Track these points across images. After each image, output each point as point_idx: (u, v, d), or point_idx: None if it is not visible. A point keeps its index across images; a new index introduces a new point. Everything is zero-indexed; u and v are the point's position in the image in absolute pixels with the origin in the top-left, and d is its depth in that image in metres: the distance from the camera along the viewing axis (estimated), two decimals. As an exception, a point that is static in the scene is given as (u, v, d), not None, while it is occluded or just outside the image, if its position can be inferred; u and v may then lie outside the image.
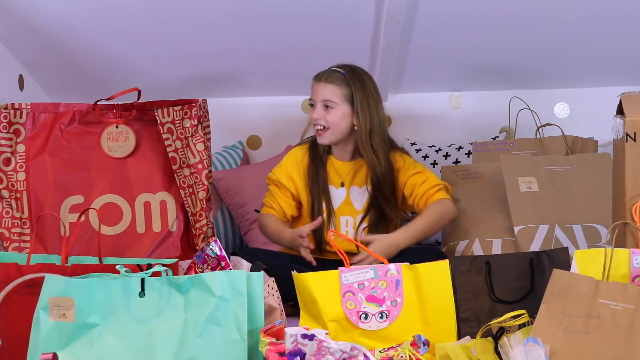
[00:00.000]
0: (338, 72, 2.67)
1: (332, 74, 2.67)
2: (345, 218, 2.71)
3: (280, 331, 1.84)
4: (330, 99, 2.64)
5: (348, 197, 2.72)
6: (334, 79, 2.65)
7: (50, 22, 2.81)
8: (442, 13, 2.88)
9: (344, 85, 2.65)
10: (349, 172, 2.72)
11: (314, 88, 2.68)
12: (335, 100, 2.64)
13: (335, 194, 2.72)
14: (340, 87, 2.65)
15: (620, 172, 2.06)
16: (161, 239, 2.44)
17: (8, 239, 2.43)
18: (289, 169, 2.73)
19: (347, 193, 2.72)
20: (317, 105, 2.66)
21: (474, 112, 3.42)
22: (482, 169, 2.79)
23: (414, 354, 1.85)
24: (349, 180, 2.72)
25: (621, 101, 2.07)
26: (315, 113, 2.66)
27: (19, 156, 2.46)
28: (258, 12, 2.84)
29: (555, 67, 3.22)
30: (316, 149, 2.74)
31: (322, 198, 2.69)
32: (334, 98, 2.64)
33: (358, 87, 2.65)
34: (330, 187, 2.72)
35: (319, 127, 2.66)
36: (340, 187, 2.72)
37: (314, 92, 2.68)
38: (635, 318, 1.79)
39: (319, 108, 2.65)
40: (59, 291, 1.87)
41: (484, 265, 2.11)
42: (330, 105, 2.65)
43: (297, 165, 2.74)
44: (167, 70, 3.15)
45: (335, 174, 2.73)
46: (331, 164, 2.74)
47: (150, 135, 2.47)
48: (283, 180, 2.72)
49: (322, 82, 2.66)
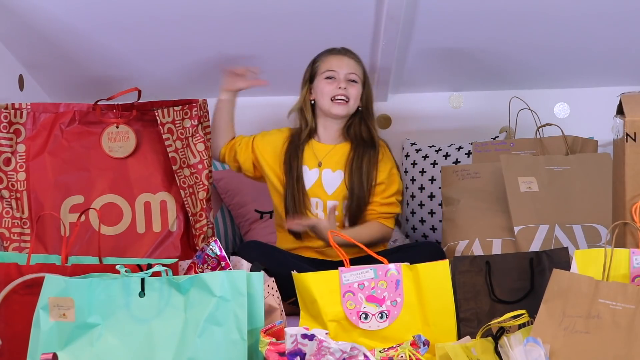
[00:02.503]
0: (350, 50, 2.77)
1: (348, 50, 2.77)
2: (315, 200, 2.73)
3: (280, 331, 1.84)
4: (356, 72, 2.74)
5: (320, 179, 2.74)
6: (354, 57, 2.76)
7: (50, 22, 2.81)
8: (442, 12, 2.88)
9: (361, 65, 2.77)
10: (326, 154, 2.76)
11: (331, 61, 2.74)
12: (359, 75, 2.75)
13: (308, 174, 2.75)
14: (360, 66, 2.76)
15: (620, 172, 2.06)
16: (161, 239, 2.44)
17: (8, 239, 2.43)
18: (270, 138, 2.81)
19: (319, 175, 2.75)
20: (341, 77, 2.71)
21: (474, 112, 3.42)
22: (482, 169, 2.78)
23: (414, 354, 1.85)
24: (325, 162, 2.75)
25: (621, 101, 2.07)
26: (342, 82, 2.71)
27: (19, 156, 2.46)
28: (258, 12, 2.84)
29: (555, 67, 3.22)
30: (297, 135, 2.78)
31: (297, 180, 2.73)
32: (358, 73, 2.75)
33: (366, 69, 2.78)
34: (304, 167, 2.75)
35: (343, 97, 2.70)
36: (314, 167, 2.75)
37: (336, 64, 2.73)
38: (635, 318, 1.79)
39: (344, 80, 2.71)
40: (59, 291, 1.87)
41: (484, 265, 2.11)
42: (355, 79, 2.73)
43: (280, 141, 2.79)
44: (167, 70, 3.15)
45: (312, 155, 2.76)
46: (309, 146, 2.78)
47: (151, 136, 2.47)
48: (257, 148, 2.79)
49: (346, 56, 2.75)
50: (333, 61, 2.74)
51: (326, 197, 2.72)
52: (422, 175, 3.27)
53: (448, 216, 2.75)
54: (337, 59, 2.74)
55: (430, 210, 3.23)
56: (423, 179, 3.26)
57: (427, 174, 3.26)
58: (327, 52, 2.77)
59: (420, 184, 3.26)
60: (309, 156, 2.76)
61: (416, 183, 3.28)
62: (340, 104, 2.71)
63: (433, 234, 3.23)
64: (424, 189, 3.25)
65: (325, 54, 2.77)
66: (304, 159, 2.76)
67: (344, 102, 2.71)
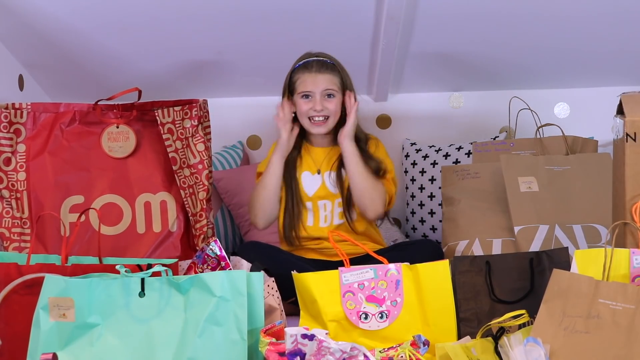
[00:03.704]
0: (327, 61, 2.72)
1: (324, 64, 2.71)
2: (323, 202, 2.74)
3: (280, 331, 1.84)
4: (332, 87, 2.69)
5: (324, 183, 2.75)
6: (329, 69, 2.71)
7: (50, 22, 2.81)
8: (441, 13, 2.88)
9: (336, 73, 2.71)
10: (324, 158, 2.77)
11: (306, 80, 2.69)
12: (335, 88, 2.70)
13: (311, 180, 2.75)
14: (335, 75, 2.71)
15: (620, 172, 2.06)
16: (161, 239, 2.44)
17: (8, 239, 2.43)
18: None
19: (322, 179, 2.75)
20: (316, 96, 2.68)
21: (474, 112, 3.42)
22: (482, 169, 2.78)
23: (414, 354, 1.85)
24: (325, 166, 2.76)
25: (621, 101, 2.07)
26: (317, 104, 2.68)
27: (20, 156, 2.46)
28: (258, 12, 2.84)
29: (555, 67, 3.22)
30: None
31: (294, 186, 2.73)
32: (334, 87, 2.70)
33: (343, 73, 2.73)
34: (306, 173, 2.76)
35: (320, 117, 2.69)
36: (316, 173, 2.75)
37: (310, 83, 2.69)
38: (635, 318, 1.79)
39: (320, 98, 2.68)
40: (59, 291, 1.87)
41: (484, 265, 2.11)
42: (332, 94, 2.69)
43: None
44: (167, 70, 3.16)
45: (311, 161, 2.77)
46: (307, 151, 2.78)
47: (151, 136, 2.47)
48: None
49: (320, 74, 2.69)
50: (308, 81, 2.69)
51: (334, 197, 2.74)
52: (422, 175, 3.27)
53: (448, 216, 2.75)
54: (312, 78, 2.69)
55: (430, 210, 3.23)
56: (423, 179, 3.26)
57: (427, 174, 3.26)
58: (303, 68, 2.71)
59: (420, 184, 3.26)
60: (308, 162, 2.77)
61: (416, 183, 3.28)
62: (318, 124, 2.70)
63: (433, 234, 3.23)
64: (424, 189, 3.25)
65: (301, 70, 2.71)
66: (304, 166, 2.76)
67: (321, 122, 2.69)
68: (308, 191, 2.75)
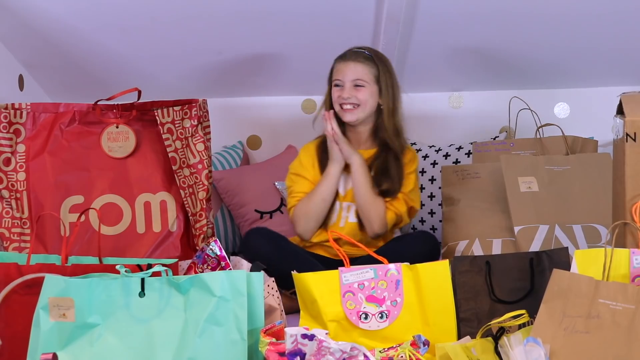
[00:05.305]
0: (364, 52, 2.72)
1: (359, 54, 2.72)
2: (347, 204, 2.74)
3: (280, 331, 1.84)
4: (362, 77, 2.69)
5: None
6: (362, 59, 2.71)
7: (50, 22, 2.81)
8: (441, 13, 2.88)
9: (371, 65, 2.71)
10: None
11: (339, 69, 2.72)
12: (366, 79, 2.70)
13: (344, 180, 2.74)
14: (369, 66, 2.71)
15: (620, 172, 2.06)
16: (161, 239, 2.44)
17: (8, 239, 2.43)
18: (305, 161, 2.78)
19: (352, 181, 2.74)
20: (346, 85, 2.69)
21: (474, 112, 3.42)
22: (482, 169, 2.79)
23: (414, 354, 1.85)
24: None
25: (621, 101, 2.07)
26: (345, 92, 2.69)
27: (19, 156, 2.46)
28: (258, 12, 2.85)
29: (555, 67, 3.22)
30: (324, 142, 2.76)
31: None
32: (365, 77, 2.70)
33: (383, 67, 2.72)
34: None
35: (349, 105, 2.69)
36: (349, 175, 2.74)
37: (341, 72, 2.71)
38: (635, 318, 1.79)
39: (349, 87, 2.69)
40: (59, 291, 1.87)
41: (484, 265, 2.11)
42: (361, 84, 2.70)
43: (311, 158, 2.77)
44: (167, 70, 3.16)
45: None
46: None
47: (151, 136, 2.47)
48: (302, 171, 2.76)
49: (350, 62, 2.71)
50: (339, 68, 2.72)
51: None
52: (422, 175, 3.27)
53: (448, 216, 2.76)
54: (343, 66, 2.71)
55: (430, 210, 3.23)
56: (423, 179, 3.26)
57: (427, 174, 3.26)
58: (340, 58, 2.74)
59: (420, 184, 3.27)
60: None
61: (416, 183, 3.28)
62: (347, 110, 2.70)
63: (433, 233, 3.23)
64: (424, 189, 3.25)
65: (338, 60, 2.74)
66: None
67: (351, 109, 2.70)
68: (341, 191, 2.75)
